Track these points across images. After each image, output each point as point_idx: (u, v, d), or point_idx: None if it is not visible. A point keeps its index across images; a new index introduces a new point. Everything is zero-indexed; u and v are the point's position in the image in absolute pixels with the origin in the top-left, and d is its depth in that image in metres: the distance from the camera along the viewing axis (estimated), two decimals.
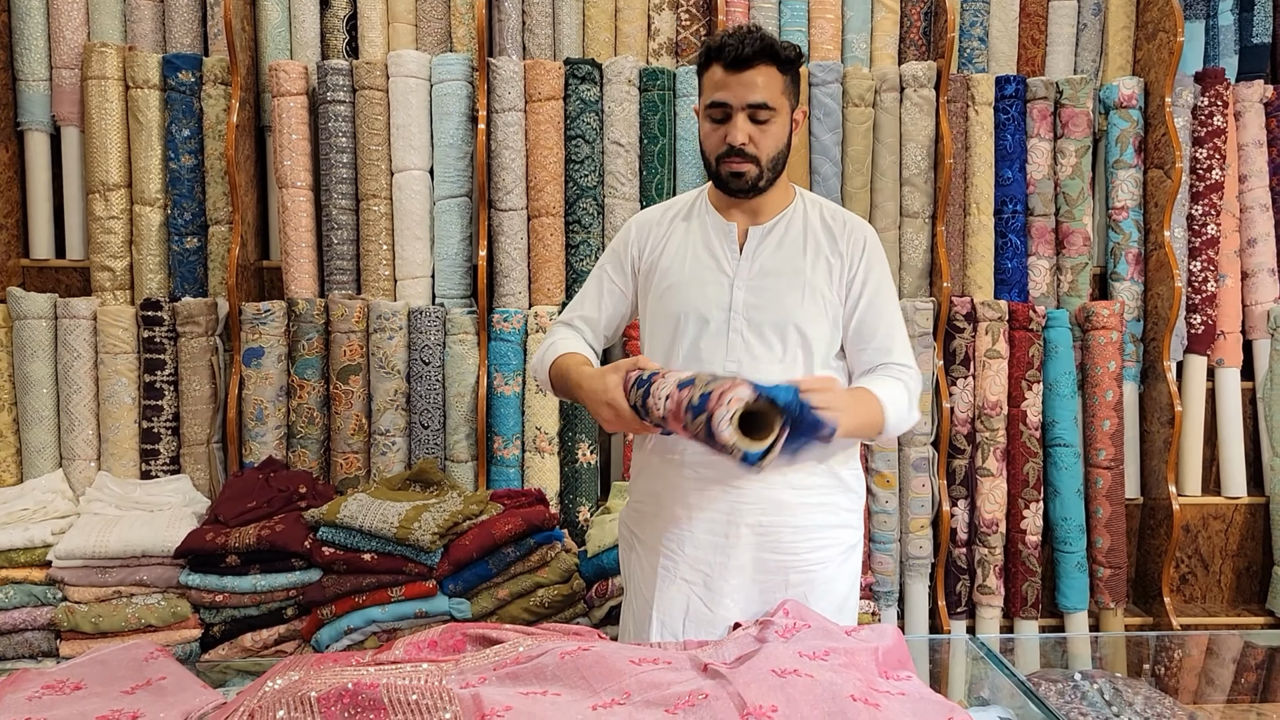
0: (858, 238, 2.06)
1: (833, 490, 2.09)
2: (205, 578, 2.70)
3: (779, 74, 1.96)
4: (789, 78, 1.99)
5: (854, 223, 2.10)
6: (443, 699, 1.40)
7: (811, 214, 2.10)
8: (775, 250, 2.06)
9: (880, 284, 2.05)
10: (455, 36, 3.51)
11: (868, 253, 2.06)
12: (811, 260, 2.05)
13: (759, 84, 1.94)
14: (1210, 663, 2.40)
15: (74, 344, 3.20)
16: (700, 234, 2.11)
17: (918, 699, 1.50)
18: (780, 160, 2.04)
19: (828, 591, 2.07)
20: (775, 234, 2.08)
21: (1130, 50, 3.70)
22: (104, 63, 3.33)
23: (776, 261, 2.05)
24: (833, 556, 2.09)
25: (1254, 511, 3.71)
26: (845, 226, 2.08)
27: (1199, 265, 3.64)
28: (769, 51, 1.94)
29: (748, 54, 1.93)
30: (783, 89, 1.98)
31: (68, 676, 1.56)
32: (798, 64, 2.01)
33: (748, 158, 1.99)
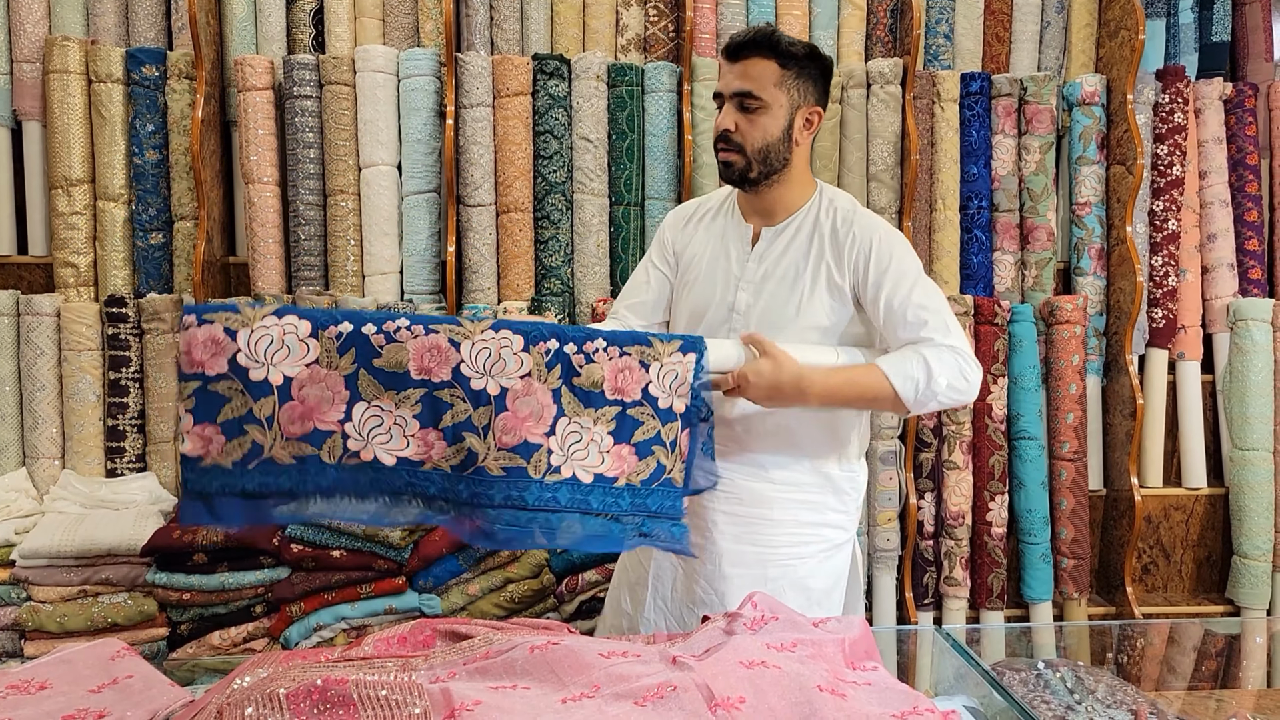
0: (863, 243, 2.01)
1: (819, 489, 2.10)
2: (172, 576, 2.68)
3: (777, 67, 1.97)
4: (791, 73, 1.98)
5: (861, 226, 2.04)
6: (412, 694, 1.40)
7: (824, 218, 2.06)
8: (782, 254, 2.06)
9: (900, 276, 1.98)
10: (423, 31, 3.50)
11: (875, 255, 2.00)
12: (814, 266, 2.04)
13: (749, 73, 1.97)
14: (1171, 651, 2.44)
15: (37, 341, 3.16)
16: (721, 233, 2.14)
17: (884, 689, 1.52)
18: (771, 154, 2.01)
19: (804, 587, 2.09)
20: (784, 237, 2.07)
21: (1093, 48, 3.75)
22: (66, 56, 3.29)
23: (781, 265, 2.06)
24: (813, 553, 2.10)
25: (1214, 502, 3.77)
26: (851, 231, 2.03)
27: (1160, 260, 3.69)
28: (766, 43, 1.96)
29: (743, 43, 1.97)
30: (777, 81, 1.98)
31: (32, 676, 1.55)
32: (809, 61, 2.00)
33: (733, 146, 2.01)
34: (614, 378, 1.78)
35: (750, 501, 2.07)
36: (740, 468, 2.08)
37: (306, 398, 1.64)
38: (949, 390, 1.92)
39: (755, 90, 1.97)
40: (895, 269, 1.99)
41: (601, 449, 1.77)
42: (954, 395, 1.93)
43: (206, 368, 1.61)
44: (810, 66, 2.01)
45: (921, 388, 1.91)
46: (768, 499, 2.07)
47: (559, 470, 1.74)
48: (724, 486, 2.05)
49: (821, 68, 2.03)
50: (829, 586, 2.14)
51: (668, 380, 1.82)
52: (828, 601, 2.15)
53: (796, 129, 2.02)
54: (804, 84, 2.01)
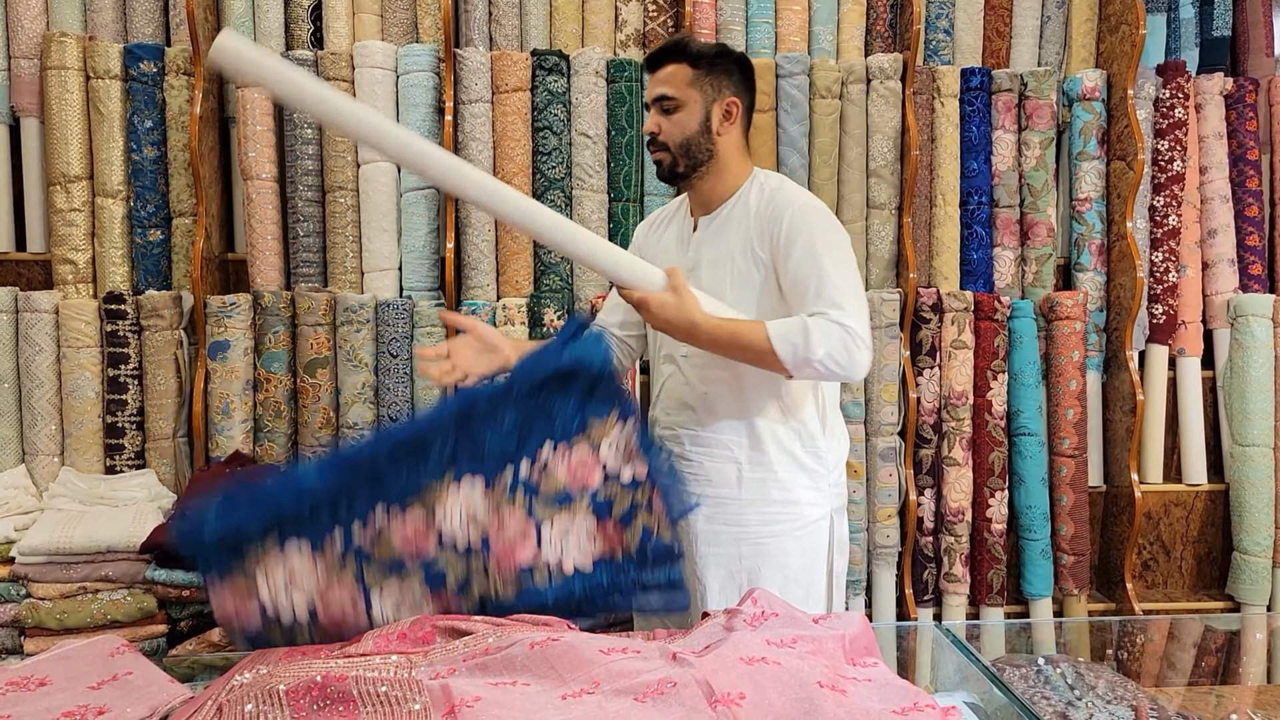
0: (779, 214, 2.09)
1: (785, 467, 2.17)
2: (172, 573, 2.68)
3: (688, 68, 2.14)
4: (702, 70, 2.14)
5: (782, 199, 2.12)
6: (412, 690, 1.40)
7: (755, 200, 2.15)
8: (714, 240, 2.18)
9: (808, 248, 2.04)
10: (421, 27, 3.49)
11: (789, 225, 2.07)
12: (741, 247, 2.14)
13: (664, 79, 2.15)
14: (1171, 647, 2.44)
15: (36, 338, 3.16)
16: (676, 231, 2.28)
17: (884, 685, 1.52)
18: (692, 147, 2.15)
19: (780, 565, 2.16)
20: (717, 223, 2.19)
21: (1093, 43, 3.74)
22: (64, 53, 3.28)
23: (713, 251, 2.17)
24: (786, 531, 2.17)
25: (1214, 498, 3.76)
26: (773, 204, 2.12)
27: (1160, 256, 3.69)
28: (676, 49, 2.15)
29: (657, 53, 2.18)
30: (689, 81, 2.14)
31: (32, 673, 1.55)
32: (719, 59, 2.15)
33: (659, 146, 2.17)
34: (572, 475, 1.84)
35: (719, 483, 2.18)
36: (706, 450, 2.18)
37: (332, 612, 1.75)
38: (828, 359, 1.94)
39: (670, 92, 2.14)
40: (805, 240, 2.05)
41: (590, 534, 1.84)
42: (833, 366, 1.96)
43: (245, 623, 1.74)
44: (722, 63, 2.16)
45: (799, 352, 1.95)
46: (734, 479, 2.17)
47: (562, 569, 1.82)
48: (693, 470, 2.18)
49: (736, 63, 2.19)
50: (807, 564, 2.20)
51: (619, 452, 1.87)
52: (806, 579, 2.20)
53: (715, 121, 2.15)
54: (717, 79, 2.15)
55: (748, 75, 2.21)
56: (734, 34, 3.55)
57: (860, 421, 3.42)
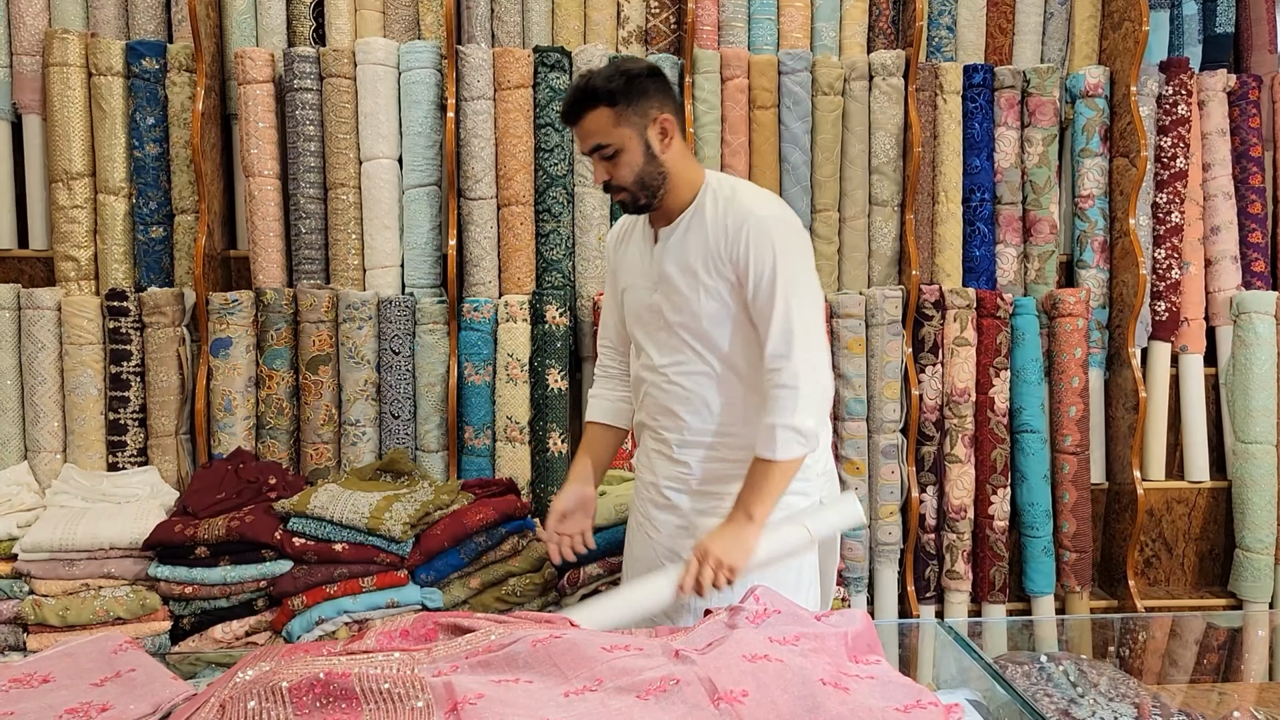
0: (737, 227, 2.06)
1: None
2: (174, 570, 2.68)
3: (607, 109, 2.05)
4: (621, 105, 2.05)
5: (738, 211, 2.07)
6: (415, 688, 1.40)
7: (711, 209, 2.11)
8: (676, 252, 2.15)
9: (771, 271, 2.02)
10: (423, 24, 3.49)
11: (748, 242, 2.04)
12: (703, 260, 2.10)
13: (589, 129, 2.07)
14: (1173, 644, 2.44)
15: (38, 335, 3.16)
16: (637, 243, 2.26)
17: (886, 682, 1.52)
18: (646, 179, 2.10)
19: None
20: (677, 235, 2.15)
21: (1096, 39, 3.74)
22: (66, 49, 3.28)
23: (677, 264, 2.14)
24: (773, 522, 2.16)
25: (1216, 495, 3.76)
26: (729, 217, 2.08)
27: (1163, 253, 3.68)
28: (587, 97, 2.06)
29: (570, 107, 2.10)
30: (615, 121, 2.06)
31: (35, 670, 1.55)
32: (631, 85, 2.05)
33: (616, 189, 2.12)
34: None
35: (708, 480, 2.20)
36: (693, 451, 2.20)
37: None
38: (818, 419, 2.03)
39: (602, 140, 2.07)
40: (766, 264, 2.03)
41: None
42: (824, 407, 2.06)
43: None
44: (635, 88, 2.06)
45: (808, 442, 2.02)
46: (722, 476, 2.18)
47: None
48: (682, 471, 2.21)
49: (649, 79, 2.08)
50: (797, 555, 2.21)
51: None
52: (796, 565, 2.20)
53: (656, 147, 2.08)
54: (639, 106, 2.06)
55: (662, 83, 2.12)
56: (736, 30, 3.55)
57: (862, 418, 3.42)
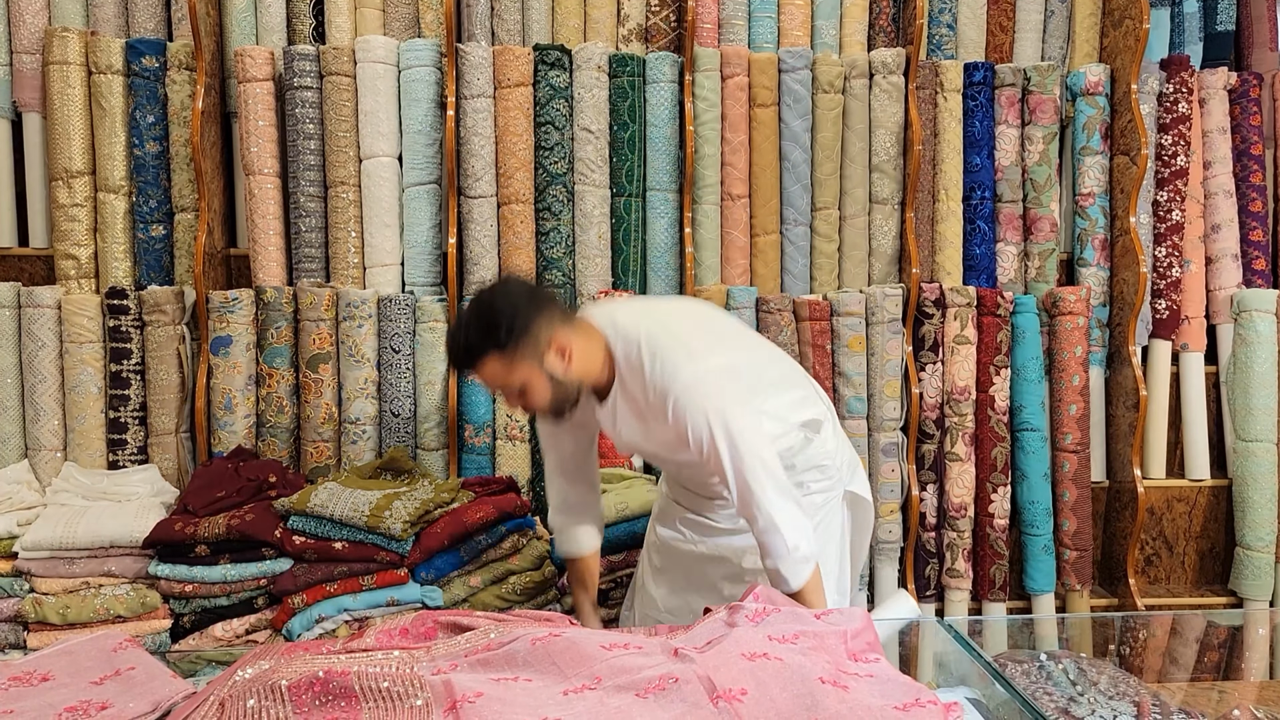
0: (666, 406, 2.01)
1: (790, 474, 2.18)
2: (174, 568, 2.68)
3: (497, 356, 1.99)
4: (511, 347, 1.98)
5: (659, 386, 2.02)
6: (414, 686, 1.40)
7: (632, 382, 2.08)
8: (626, 424, 2.16)
9: (712, 439, 1.98)
10: (423, 22, 3.49)
11: (683, 417, 1.99)
12: (650, 422, 2.10)
13: (486, 375, 2.03)
14: (1174, 642, 2.44)
15: (38, 333, 3.16)
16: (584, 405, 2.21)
17: (886, 681, 1.52)
18: (559, 398, 2.07)
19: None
20: (617, 411, 2.15)
21: (1097, 37, 3.73)
22: (66, 48, 3.28)
23: (631, 435, 2.17)
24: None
25: (1217, 494, 3.76)
26: (653, 393, 2.04)
27: (1164, 251, 3.68)
28: (473, 351, 2.01)
29: (459, 363, 2.08)
30: (510, 364, 2.00)
31: (35, 668, 1.55)
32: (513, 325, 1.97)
33: (540, 413, 2.12)
34: None
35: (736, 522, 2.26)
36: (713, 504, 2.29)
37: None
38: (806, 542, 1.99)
39: (502, 383, 2.03)
40: (703, 438, 1.98)
41: None
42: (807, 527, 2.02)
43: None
44: (517, 327, 1.98)
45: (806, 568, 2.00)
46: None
47: None
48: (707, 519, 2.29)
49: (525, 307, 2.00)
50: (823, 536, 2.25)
51: None
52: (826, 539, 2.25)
53: (557, 370, 2.03)
54: (529, 340, 1.99)
55: (542, 304, 2.04)
56: (736, 28, 3.54)
57: (863, 417, 3.42)
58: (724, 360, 2.11)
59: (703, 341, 2.12)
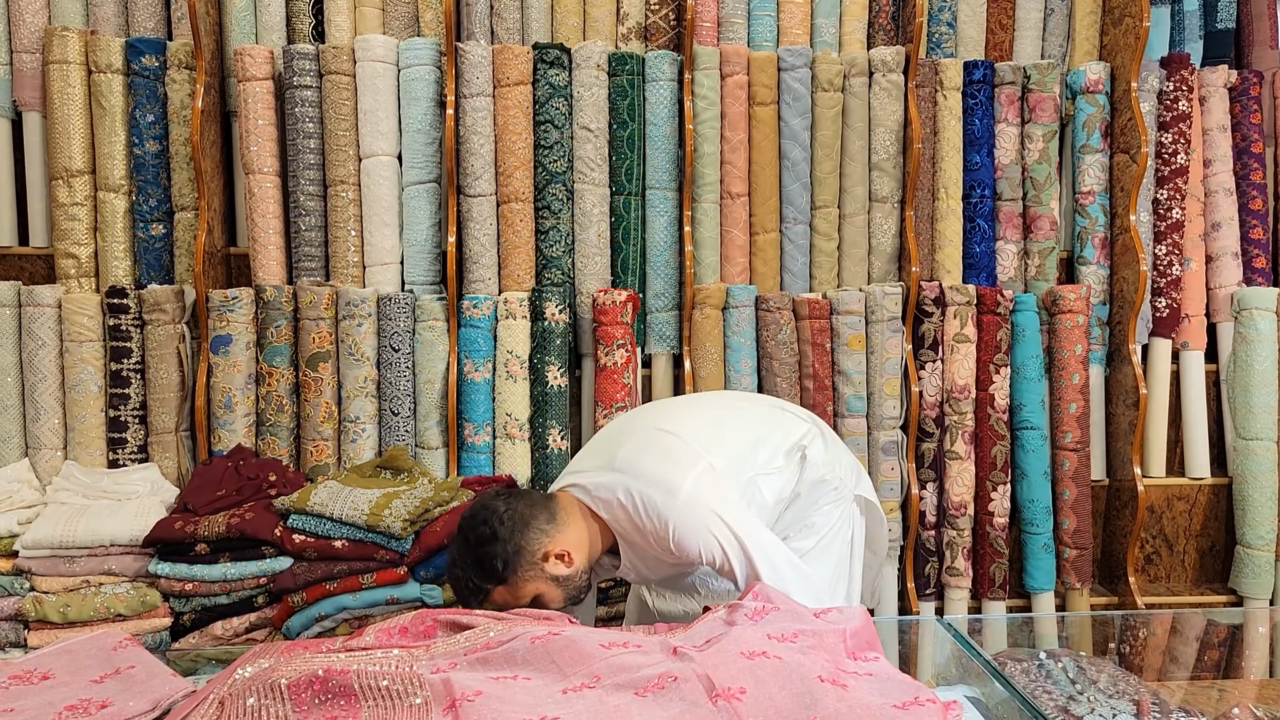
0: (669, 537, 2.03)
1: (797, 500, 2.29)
2: (174, 566, 2.68)
3: (504, 587, 2.03)
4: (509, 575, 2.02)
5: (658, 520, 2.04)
6: (413, 684, 1.40)
7: (634, 534, 2.11)
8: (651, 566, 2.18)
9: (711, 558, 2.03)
10: (423, 21, 3.49)
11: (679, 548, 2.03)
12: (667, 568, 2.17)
13: (501, 603, 2.04)
14: (1174, 641, 2.45)
15: (39, 332, 3.16)
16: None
17: (885, 679, 1.52)
18: (573, 589, 2.10)
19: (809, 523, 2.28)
20: (636, 562, 2.18)
21: (1097, 35, 3.73)
22: (65, 47, 3.28)
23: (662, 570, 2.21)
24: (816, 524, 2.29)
25: (1217, 492, 3.76)
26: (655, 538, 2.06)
27: (1164, 249, 3.68)
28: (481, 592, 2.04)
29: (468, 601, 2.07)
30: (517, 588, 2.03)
31: (35, 666, 1.55)
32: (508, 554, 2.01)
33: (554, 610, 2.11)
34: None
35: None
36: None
37: None
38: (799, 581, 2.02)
39: (518, 601, 2.04)
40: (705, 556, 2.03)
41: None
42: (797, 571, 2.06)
43: None
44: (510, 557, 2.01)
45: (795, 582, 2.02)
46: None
47: None
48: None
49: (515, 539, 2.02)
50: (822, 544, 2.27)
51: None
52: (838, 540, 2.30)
53: (560, 574, 2.06)
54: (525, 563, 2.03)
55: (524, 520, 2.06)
56: (736, 26, 3.54)
57: (862, 415, 3.42)
58: (700, 466, 2.09)
59: (671, 461, 2.10)
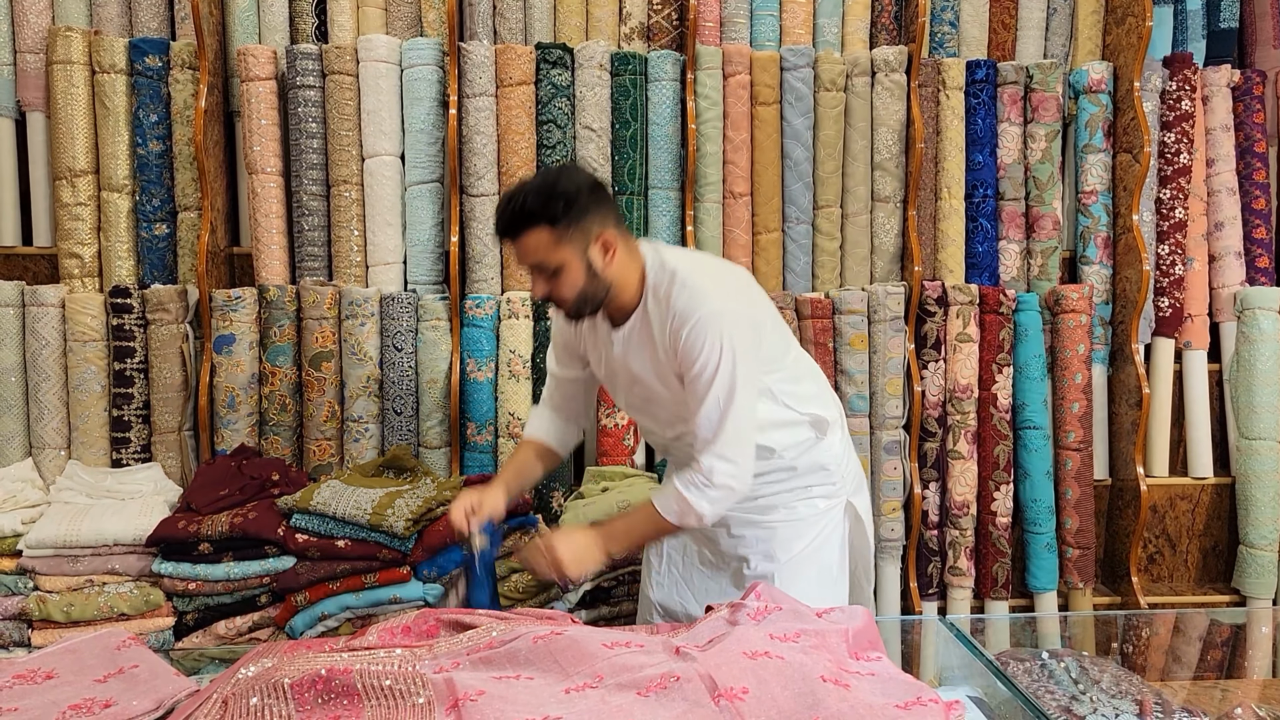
0: (678, 331, 2.03)
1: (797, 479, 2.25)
2: (178, 566, 2.69)
3: (548, 230, 1.97)
4: (563, 225, 1.98)
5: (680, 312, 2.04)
6: (416, 684, 1.41)
7: (654, 308, 2.09)
8: (637, 355, 2.15)
9: (703, 367, 2.01)
10: (426, 21, 3.49)
11: (687, 341, 2.02)
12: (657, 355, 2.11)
13: (529, 247, 2.00)
14: (1176, 641, 2.44)
15: (42, 332, 3.17)
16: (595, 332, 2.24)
17: (887, 679, 1.52)
18: (588, 295, 2.06)
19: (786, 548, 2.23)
20: (631, 339, 2.15)
21: (1100, 35, 3.73)
22: (69, 47, 3.28)
23: (639, 361, 2.15)
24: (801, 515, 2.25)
25: (1220, 492, 3.76)
26: (672, 319, 2.05)
27: (1167, 249, 3.68)
28: (527, 216, 1.98)
29: (509, 224, 2.02)
30: (555, 242, 1.98)
31: (39, 666, 1.56)
32: (571, 204, 1.98)
33: (557, 302, 2.08)
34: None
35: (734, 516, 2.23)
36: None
37: None
38: (710, 511, 2.04)
39: (543, 260, 2.00)
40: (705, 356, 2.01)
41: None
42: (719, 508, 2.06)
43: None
44: (576, 205, 1.99)
45: (685, 516, 2.05)
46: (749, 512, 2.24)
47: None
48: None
49: (590, 194, 2.02)
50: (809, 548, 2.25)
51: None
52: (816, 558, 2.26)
53: (599, 264, 2.03)
54: (582, 224, 1.99)
55: (602, 197, 2.06)
56: (738, 26, 3.54)
57: (865, 415, 3.42)
58: (753, 315, 2.11)
59: (739, 293, 2.13)
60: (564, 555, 2.03)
